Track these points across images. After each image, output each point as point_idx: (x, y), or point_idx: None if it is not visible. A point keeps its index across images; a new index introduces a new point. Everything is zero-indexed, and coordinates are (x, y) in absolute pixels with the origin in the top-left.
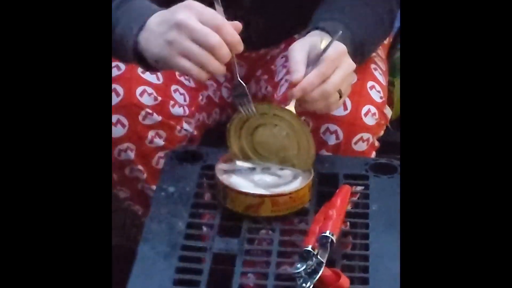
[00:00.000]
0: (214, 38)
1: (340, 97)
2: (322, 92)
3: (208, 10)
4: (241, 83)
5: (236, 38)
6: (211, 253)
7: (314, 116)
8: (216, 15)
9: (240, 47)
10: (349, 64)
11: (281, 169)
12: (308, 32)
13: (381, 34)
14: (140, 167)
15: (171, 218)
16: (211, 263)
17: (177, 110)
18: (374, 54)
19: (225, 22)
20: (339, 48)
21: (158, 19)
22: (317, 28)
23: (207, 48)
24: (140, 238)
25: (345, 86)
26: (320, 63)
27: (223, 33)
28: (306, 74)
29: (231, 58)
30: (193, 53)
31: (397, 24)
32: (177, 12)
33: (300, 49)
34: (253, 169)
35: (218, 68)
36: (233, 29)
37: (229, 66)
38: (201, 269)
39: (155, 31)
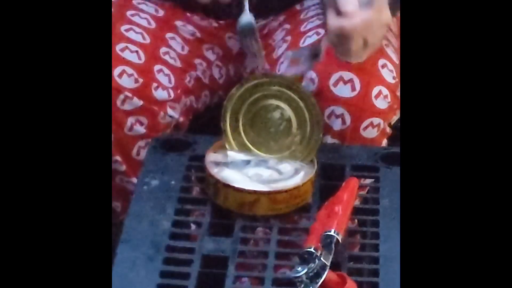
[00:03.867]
0: None
1: (365, 46)
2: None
3: None
4: (248, 14)
5: None
6: (200, 254)
7: (317, 98)
8: None
9: None
10: (387, 15)
11: (280, 162)
12: None
13: None
14: (118, 158)
15: (155, 216)
16: (200, 266)
17: (160, 94)
18: None
19: None
20: None
21: None
22: None
23: None
24: (119, 239)
25: (374, 37)
26: (368, 7)
27: None
28: None
29: None
30: None
31: None
32: None
33: None
34: (247, 162)
35: None
36: None
37: (221, 41)
38: (189, 273)
39: None
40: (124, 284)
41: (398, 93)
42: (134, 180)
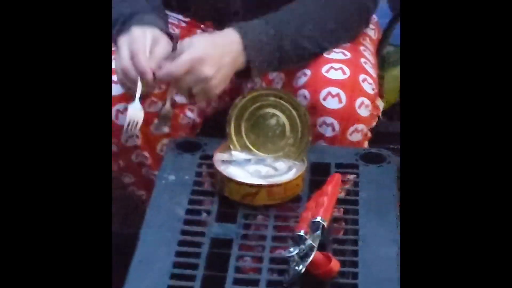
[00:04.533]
0: (122, 64)
1: (191, 97)
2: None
3: (140, 40)
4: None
5: (141, 66)
6: (209, 238)
7: (310, 111)
8: (142, 44)
9: (147, 76)
10: (201, 72)
11: (276, 161)
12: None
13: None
14: (145, 153)
15: (171, 205)
16: (209, 247)
17: (180, 98)
18: (363, 48)
19: (139, 51)
20: (195, 55)
21: None
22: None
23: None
24: (142, 225)
25: (198, 89)
26: (173, 62)
27: (134, 61)
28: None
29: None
30: (117, 71)
31: (384, 19)
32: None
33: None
34: (249, 160)
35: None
36: (142, 60)
37: None
38: (200, 253)
39: None
40: (146, 263)
41: (377, 102)
42: (157, 172)
